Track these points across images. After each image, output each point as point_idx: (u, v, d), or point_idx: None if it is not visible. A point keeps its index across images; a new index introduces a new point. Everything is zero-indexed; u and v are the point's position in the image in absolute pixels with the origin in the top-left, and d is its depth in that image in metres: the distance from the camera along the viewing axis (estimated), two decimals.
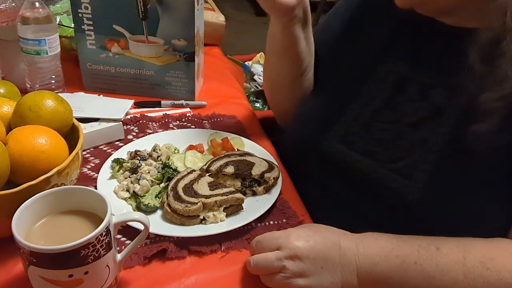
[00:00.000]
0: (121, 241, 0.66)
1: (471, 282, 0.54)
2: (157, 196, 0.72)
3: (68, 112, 0.71)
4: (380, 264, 0.57)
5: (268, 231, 0.64)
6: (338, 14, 0.86)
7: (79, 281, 0.51)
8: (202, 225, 0.68)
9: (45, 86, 0.96)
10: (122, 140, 0.89)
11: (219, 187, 0.72)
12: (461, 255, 0.56)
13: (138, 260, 0.63)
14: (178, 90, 1.05)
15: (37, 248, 0.49)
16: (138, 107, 1.01)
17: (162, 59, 1.01)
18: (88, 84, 1.06)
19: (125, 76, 1.04)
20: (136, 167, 0.76)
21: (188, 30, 0.97)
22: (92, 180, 0.77)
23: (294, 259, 0.57)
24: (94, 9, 0.97)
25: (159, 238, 0.67)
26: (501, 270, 0.54)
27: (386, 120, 0.69)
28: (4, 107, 0.70)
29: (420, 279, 0.56)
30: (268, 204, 0.72)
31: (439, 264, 0.56)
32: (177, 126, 0.95)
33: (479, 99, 0.56)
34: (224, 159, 0.79)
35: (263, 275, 0.60)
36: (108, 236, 0.53)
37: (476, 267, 0.55)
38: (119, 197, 0.73)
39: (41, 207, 0.56)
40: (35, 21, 0.89)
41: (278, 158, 0.87)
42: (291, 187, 0.80)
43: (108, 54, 1.02)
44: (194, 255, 0.65)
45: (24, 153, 0.61)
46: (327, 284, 0.57)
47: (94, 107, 0.91)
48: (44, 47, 0.92)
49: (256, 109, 1.38)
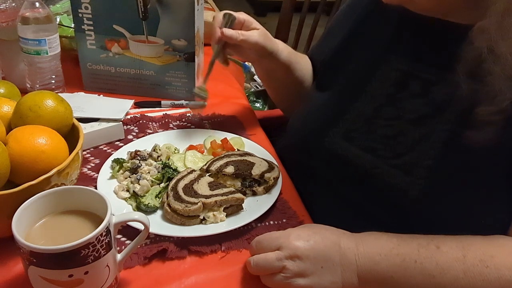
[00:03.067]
0: (121, 241, 0.66)
1: (471, 280, 0.54)
2: (157, 196, 0.72)
3: (68, 112, 0.71)
4: (380, 263, 0.57)
5: (268, 231, 0.64)
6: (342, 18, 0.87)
7: (79, 281, 0.51)
8: (202, 225, 0.68)
9: (45, 86, 0.96)
10: (122, 140, 0.89)
11: (219, 187, 0.72)
12: (461, 253, 0.56)
13: (138, 260, 0.63)
14: (178, 90, 1.05)
15: (37, 248, 0.49)
16: (138, 107, 1.01)
17: (162, 59, 1.01)
18: (88, 84, 1.06)
19: (125, 76, 1.04)
20: (136, 167, 0.76)
21: (188, 30, 0.97)
22: (92, 180, 0.77)
23: (295, 259, 0.57)
24: (94, 9, 0.97)
25: (159, 238, 0.67)
26: (501, 268, 0.54)
27: (388, 116, 0.69)
28: (4, 107, 0.70)
29: (421, 277, 0.56)
30: (268, 204, 0.72)
31: (439, 262, 0.56)
32: (177, 126, 0.95)
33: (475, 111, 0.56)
34: (224, 159, 0.79)
35: (264, 275, 0.60)
36: (108, 236, 0.53)
37: (476, 265, 0.55)
38: (119, 197, 0.73)
39: (41, 207, 0.56)
40: (35, 21, 0.89)
41: (278, 158, 0.87)
42: (291, 187, 0.80)
43: (108, 54, 1.02)
44: (194, 255, 0.65)
45: (24, 153, 0.61)
46: (327, 284, 0.58)
47: (94, 107, 0.91)
48: (44, 47, 0.92)
49: (256, 109, 1.38)
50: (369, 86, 0.72)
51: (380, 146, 0.69)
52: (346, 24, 0.83)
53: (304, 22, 1.72)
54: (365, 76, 0.74)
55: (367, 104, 0.72)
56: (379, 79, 0.72)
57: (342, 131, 0.73)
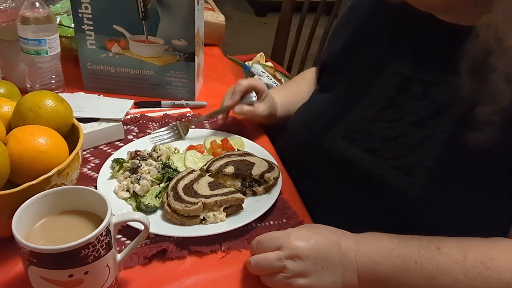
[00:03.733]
0: (121, 241, 0.66)
1: (471, 282, 0.54)
2: (157, 196, 0.72)
3: (68, 112, 0.71)
4: (380, 264, 0.57)
5: (268, 231, 0.64)
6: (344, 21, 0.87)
7: (79, 281, 0.51)
8: (202, 225, 0.68)
9: (45, 86, 0.96)
10: (122, 140, 0.89)
11: (219, 187, 0.72)
12: (462, 255, 0.56)
13: (138, 260, 0.63)
14: (178, 90, 1.05)
15: (37, 248, 0.49)
16: (138, 107, 1.01)
17: (162, 59, 1.01)
18: (88, 84, 1.06)
19: (125, 76, 1.04)
20: (136, 167, 0.76)
21: (188, 30, 0.97)
22: (92, 180, 0.77)
23: (295, 259, 0.57)
24: (94, 9, 0.97)
25: (159, 238, 0.67)
26: (501, 269, 0.54)
27: (389, 119, 0.69)
28: (4, 107, 0.70)
29: (421, 278, 0.56)
30: (268, 204, 0.72)
31: (440, 263, 0.56)
32: None
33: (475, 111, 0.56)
34: (224, 159, 0.79)
35: (264, 275, 0.60)
36: (108, 236, 0.53)
37: (477, 266, 0.55)
38: (119, 197, 0.73)
39: (41, 207, 0.56)
40: (35, 21, 0.89)
41: (278, 158, 0.87)
42: (291, 187, 0.80)
43: (108, 54, 1.02)
44: (194, 255, 0.65)
45: (24, 153, 0.61)
46: (327, 284, 0.58)
47: (94, 107, 0.91)
48: (44, 47, 0.92)
49: None
50: (370, 89, 0.73)
51: (381, 147, 0.69)
52: (347, 27, 0.83)
53: (304, 22, 1.72)
54: (366, 79, 0.74)
55: (368, 106, 0.72)
56: (380, 82, 0.72)
57: (343, 132, 0.73)
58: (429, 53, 0.68)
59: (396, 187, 0.65)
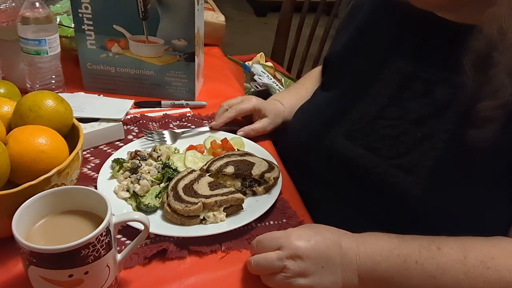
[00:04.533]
0: (121, 241, 0.66)
1: (471, 281, 0.54)
2: (157, 196, 0.72)
3: (68, 112, 0.71)
4: (381, 264, 0.57)
5: (268, 231, 0.64)
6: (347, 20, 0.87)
7: (79, 281, 0.51)
8: (202, 225, 0.68)
9: (45, 86, 0.96)
10: (122, 140, 0.89)
11: (219, 187, 0.72)
12: (462, 255, 0.56)
13: (138, 260, 0.63)
14: (178, 90, 1.05)
15: (37, 248, 0.49)
16: (138, 107, 1.01)
17: (162, 59, 1.01)
18: (88, 84, 1.06)
19: (125, 76, 1.04)
20: (136, 167, 0.76)
21: (188, 30, 0.97)
22: (92, 180, 0.77)
23: (295, 259, 0.57)
24: (94, 9, 0.97)
25: (159, 238, 0.67)
26: (501, 269, 0.54)
27: (391, 117, 0.69)
28: (4, 107, 0.70)
29: (421, 278, 0.56)
30: (268, 204, 0.72)
31: (440, 263, 0.56)
32: (177, 126, 0.95)
33: (477, 107, 0.57)
34: (224, 159, 0.79)
35: (264, 275, 0.60)
36: (108, 236, 0.53)
37: (477, 266, 0.55)
38: (119, 197, 0.73)
39: (41, 207, 0.56)
40: (35, 21, 0.89)
41: (279, 158, 0.87)
42: (291, 187, 0.80)
43: (108, 54, 1.02)
44: (194, 255, 0.65)
45: (24, 153, 0.61)
46: (328, 283, 0.57)
47: (94, 107, 0.91)
48: (44, 47, 0.92)
49: None
50: (372, 88, 0.73)
51: (382, 145, 0.69)
52: (349, 26, 0.83)
53: (304, 22, 1.72)
54: (368, 78, 0.74)
55: (370, 105, 0.72)
56: (382, 81, 0.72)
57: (344, 130, 0.73)
58: (430, 51, 0.68)
59: (397, 186, 0.65)
